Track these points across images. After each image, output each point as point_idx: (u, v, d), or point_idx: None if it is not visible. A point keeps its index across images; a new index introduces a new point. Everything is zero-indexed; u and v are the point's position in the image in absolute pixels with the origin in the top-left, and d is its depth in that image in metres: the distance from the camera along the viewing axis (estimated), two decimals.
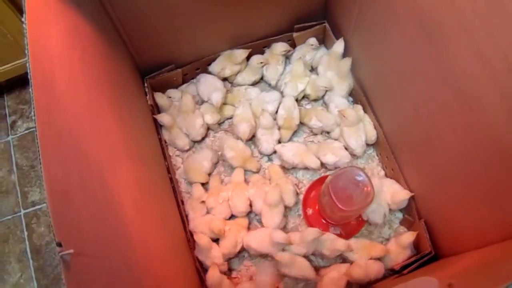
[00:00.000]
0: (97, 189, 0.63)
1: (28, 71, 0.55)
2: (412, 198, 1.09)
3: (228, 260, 1.11)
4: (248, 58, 1.30)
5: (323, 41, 1.37)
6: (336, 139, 1.23)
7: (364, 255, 1.05)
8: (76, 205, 0.53)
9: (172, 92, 1.30)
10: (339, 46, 1.23)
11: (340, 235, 1.11)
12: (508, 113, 0.66)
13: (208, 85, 1.28)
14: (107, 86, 0.86)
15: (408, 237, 1.03)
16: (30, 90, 0.54)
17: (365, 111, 1.22)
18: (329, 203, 1.01)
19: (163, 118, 1.22)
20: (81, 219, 0.54)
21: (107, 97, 0.84)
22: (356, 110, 1.19)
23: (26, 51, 0.56)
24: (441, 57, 0.78)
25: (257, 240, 1.07)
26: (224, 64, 1.29)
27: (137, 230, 0.74)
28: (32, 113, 0.52)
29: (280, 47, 1.29)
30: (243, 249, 1.11)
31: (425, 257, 1.01)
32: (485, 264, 0.69)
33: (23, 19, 0.59)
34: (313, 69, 1.35)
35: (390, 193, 1.10)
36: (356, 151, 1.18)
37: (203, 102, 1.30)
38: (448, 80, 0.78)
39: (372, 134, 1.19)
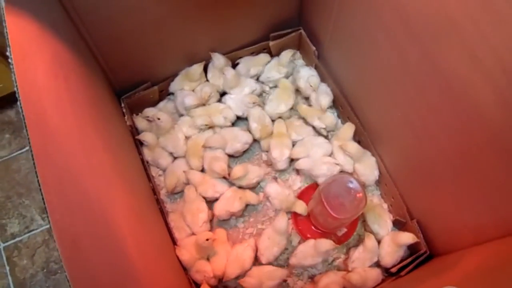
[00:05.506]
0: (101, 229, 0.59)
1: (20, 111, 0.51)
2: (402, 199, 1.10)
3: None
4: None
5: (299, 48, 1.37)
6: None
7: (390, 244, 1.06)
8: (86, 252, 0.50)
9: (149, 111, 1.24)
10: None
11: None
12: (503, 111, 0.66)
13: (184, 97, 1.24)
14: (91, 114, 0.81)
15: (408, 237, 1.03)
16: (25, 131, 0.50)
17: (349, 119, 1.22)
18: (322, 212, 1.01)
19: (145, 137, 1.18)
20: (92, 267, 0.50)
21: (93, 125, 0.79)
22: (350, 128, 1.19)
23: (16, 88, 0.52)
24: (430, 59, 0.77)
25: None
26: (183, 84, 1.27)
27: (140, 262, 0.71)
28: (31, 156, 0.48)
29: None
30: None
31: (420, 257, 1.02)
32: (494, 266, 0.69)
33: (7, 53, 0.55)
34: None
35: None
36: (345, 167, 1.16)
37: (181, 115, 1.27)
38: (439, 82, 0.77)
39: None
